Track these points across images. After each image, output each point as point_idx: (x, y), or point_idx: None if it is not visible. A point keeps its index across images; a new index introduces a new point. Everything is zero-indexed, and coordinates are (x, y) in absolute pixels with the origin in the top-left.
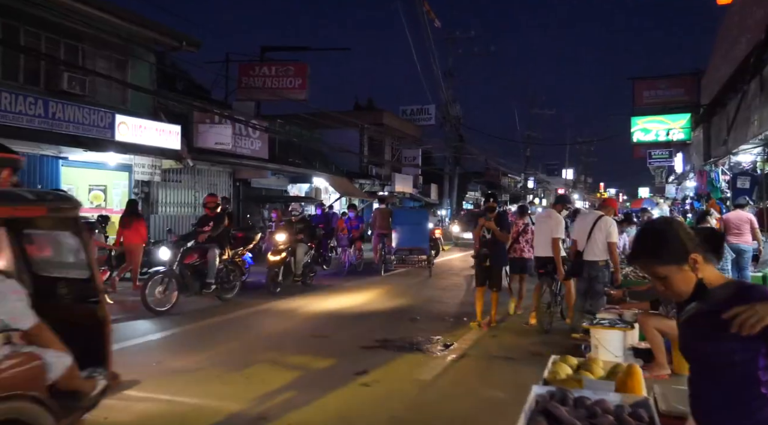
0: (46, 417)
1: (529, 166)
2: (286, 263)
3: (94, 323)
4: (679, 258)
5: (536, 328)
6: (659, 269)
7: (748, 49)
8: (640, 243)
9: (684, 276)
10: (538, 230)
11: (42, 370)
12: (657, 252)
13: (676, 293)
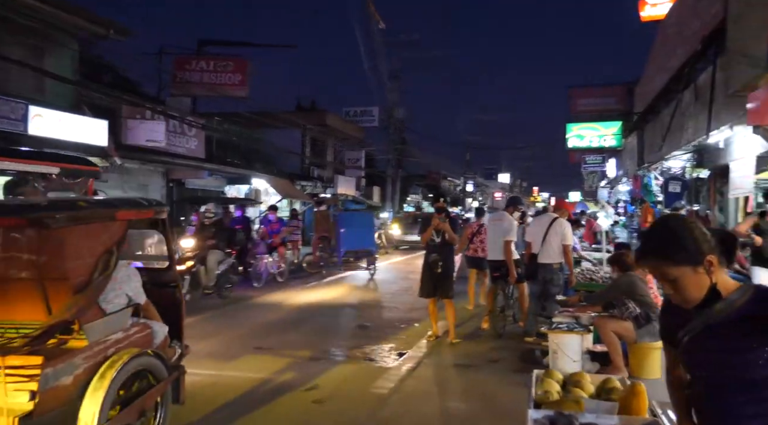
0: (163, 371)
1: (468, 170)
2: (193, 273)
3: (173, 304)
4: (694, 259)
5: (490, 333)
6: (671, 270)
7: (683, 60)
8: (651, 241)
9: (697, 280)
10: (490, 233)
11: (151, 336)
12: (670, 251)
13: (686, 297)
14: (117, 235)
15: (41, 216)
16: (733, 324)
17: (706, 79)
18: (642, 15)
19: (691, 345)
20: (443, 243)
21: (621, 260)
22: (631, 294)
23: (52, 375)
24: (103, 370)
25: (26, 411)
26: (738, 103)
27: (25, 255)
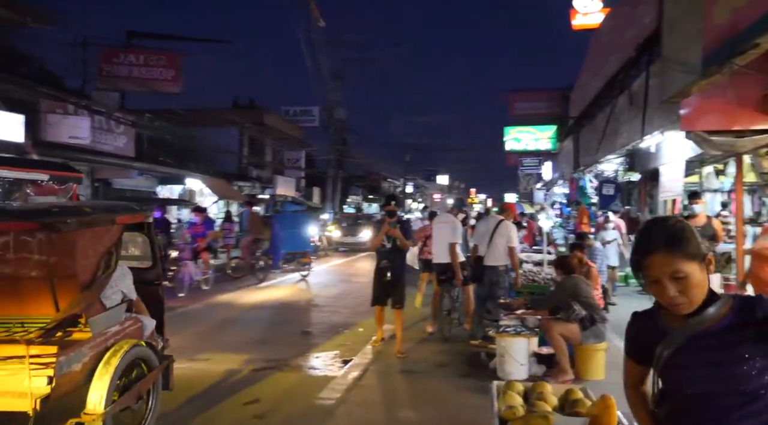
0: (155, 360)
1: (408, 171)
2: None
3: (156, 300)
4: (700, 255)
5: (436, 336)
6: (683, 265)
7: (617, 66)
8: (659, 236)
9: (702, 278)
10: (436, 236)
11: (142, 329)
12: (682, 245)
13: (692, 297)
14: (116, 237)
15: (55, 221)
16: (718, 334)
17: (640, 85)
18: (574, 24)
19: (674, 359)
20: (394, 249)
21: (565, 262)
22: (576, 296)
23: (65, 362)
24: (107, 358)
25: (45, 394)
26: (670, 109)
27: (36, 256)
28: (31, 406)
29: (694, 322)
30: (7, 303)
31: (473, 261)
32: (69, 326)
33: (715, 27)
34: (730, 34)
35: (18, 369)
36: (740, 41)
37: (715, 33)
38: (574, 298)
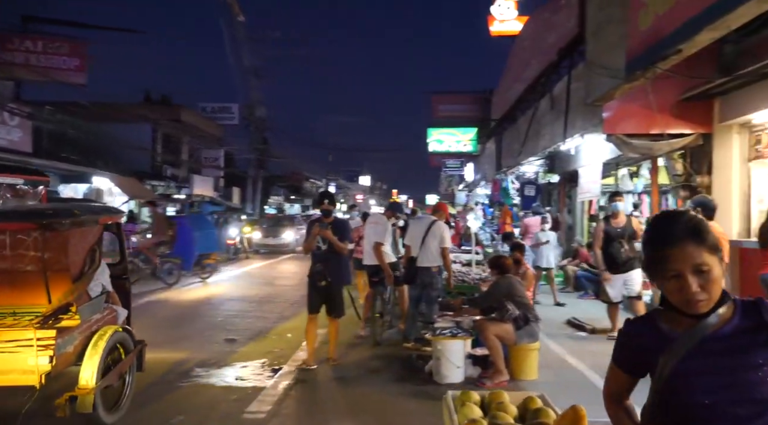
0: (131, 344)
1: (331, 171)
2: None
3: (124, 292)
4: (717, 250)
5: (368, 340)
6: (707, 257)
7: (539, 70)
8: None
9: (721, 274)
10: (367, 238)
11: (116, 318)
12: (705, 236)
13: (712, 294)
14: (99, 236)
15: (52, 221)
16: (725, 339)
17: (561, 89)
18: (492, 30)
19: (682, 366)
20: (330, 251)
21: (500, 263)
22: (511, 296)
23: (62, 344)
24: (95, 341)
25: (47, 371)
26: (592, 112)
27: (32, 252)
28: (37, 381)
29: (702, 325)
30: (3, 294)
31: (405, 262)
32: (62, 313)
33: (638, 33)
34: (653, 39)
35: (27, 350)
36: (663, 47)
37: (639, 39)
38: (509, 298)
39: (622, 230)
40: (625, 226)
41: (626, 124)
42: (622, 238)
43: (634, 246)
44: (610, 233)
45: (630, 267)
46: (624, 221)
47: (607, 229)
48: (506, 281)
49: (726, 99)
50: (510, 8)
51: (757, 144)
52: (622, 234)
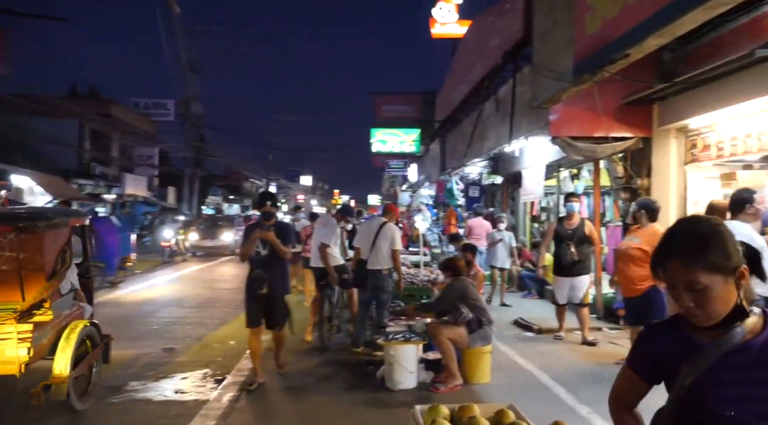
0: (98, 337)
1: (271, 171)
2: None
3: (87, 290)
4: (727, 267)
5: (315, 345)
6: (702, 276)
7: (483, 73)
8: (680, 241)
9: (727, 291)
10: (314, 239)
11: (83, 313)
12: (704, 254)
13: (710, 313)
14: (68, 237)
15: (29, 224)
16: (757, 350)
17: (506, 91)
18: (433, 32)
19: (708, 375)
20: (271, 256)
21: (453, 265)
22: (465, 299)
23: (37, 337)
24: (67, 334)
25: (26, 361)
26: (537, 115)
27: (7, 253)
28: (17, 370)
29: (730, 336)
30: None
31: (355, 265)
32: (37, 309)
33: (586, 37)
34: (601, 43)
35: (7, 342)
36: (611, 51)
37: (586, 43)
38: (463, 301)
39: (572, 232)
40: (577, 228)
41: (571, 127)
42: (571, 240)
43: (583, 250)
44: (560, 233)
45: (577, 272)
46: (577, 223)
47: (559, 229)
48: (460, 283)
49: (664, 104)
50: (451, 11)
51: (693, 148)
52: (572, 236)
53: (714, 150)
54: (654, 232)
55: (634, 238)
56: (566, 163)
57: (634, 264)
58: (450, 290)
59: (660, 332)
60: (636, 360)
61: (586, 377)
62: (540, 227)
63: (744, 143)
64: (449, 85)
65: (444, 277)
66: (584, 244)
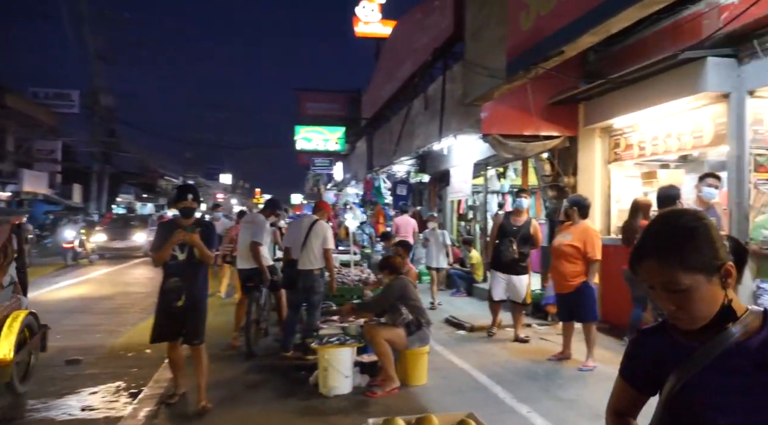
0: (37, 326)
1: (188, 168)
2: None
3: (23, 283)
4: (711, 266)
5: (241, 350)
6: (682, 277)
7: (412, 70)
8: (657, 238)
9: (711, 292)
10: (241, 239)
11: (21, 304)
12: (683, 253)
13: (693, 315)
14: (9, 233)
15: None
16: (753, 353)
17: (436, 89)
18: (356, 31)
19: (701, 380)
20: (190, 262)
21: (391, 263)
22: (404, 299)
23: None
24: (10, 322)
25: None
26: (467, 113)
27: None
28: None
29: (723, 336)
30: None
31: (285, 265)
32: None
33: (520, 33)
34: (535, 40)
35: None
36: (546, 47)
37: (520, 39)
38: (402, 301)
39: (518, 229)
40: (523, 226)
41: (502, 125)
42: (515, 237)
43: (525, 250)
44: (506, 228)
45: (516, 271)
46: (524, 220)
47: (505, 224)
48: (400, 283)
49: (590, 104)
50: (374, 11)
51: (616, 147)
52: (516, 233)
53: (636, 149)
54: (585, 228)
55: (566, 235)
56: (494, 161)
57: (567, 261)
58: (389, 289)
59: (650, 337)
60: (626, 369)
61: (521, 375)
62: (467, 225)
63: (664, 143)
64: (376, 83)
65: (382, 276)
66: (527, 243)
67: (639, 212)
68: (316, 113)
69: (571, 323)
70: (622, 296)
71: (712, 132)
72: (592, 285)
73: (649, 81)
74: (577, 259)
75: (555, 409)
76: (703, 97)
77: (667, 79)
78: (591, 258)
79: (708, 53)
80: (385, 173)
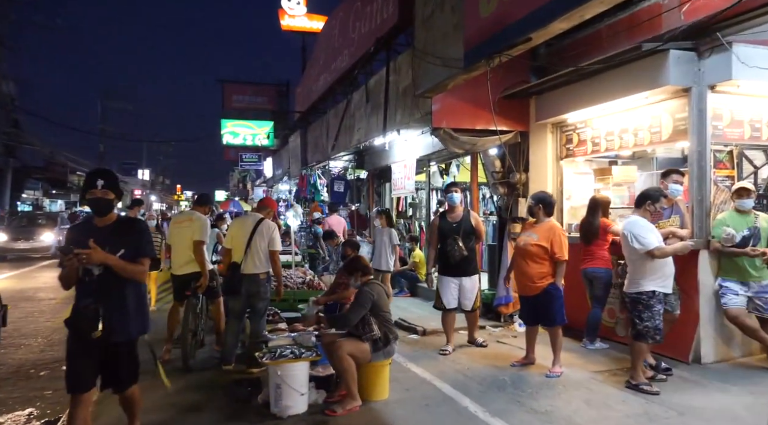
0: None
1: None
2: None
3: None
4: None
5: (176, 365)
6: None
7: (351, 61)
8: None
9: None
10: (175, 241)
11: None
12: None
13: None
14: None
15: None
16: None
17: (378, 81)
18: (282, 24)
19: None
20: (111, 277)
21: (360, 264)
22: (377, 310)
23: None
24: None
25: None
26: (412, 106)
27: None
28: None
29: None
30: None
31: (227, 269)
32: None
33: (479, 21)
34: (498, 27)
35: None
36: (512, 34)
37: (480, 26)
38: (374, 312)
39: (457, 225)
40: (462, 221)
41: (453, 118)
42: (458, 234)
43: (470, 245)
44: (444, 229)
45: (465, 271)
46: (461, 215)
47: (442, 224)
48: (376, 289)
49: (541, 99)
50: (300, 4)
51: (568, 143)
52: (458, 230)
53: (590, 145)
54: (551, 227)
55: (532, 234)
56: (436, 157)
57: (533, 261)
58: (363, 297)
59: None
60: None
61: (488, 384)
62: (406, 223)
63: (620, 139)
64: (310, 75)
65: (353, 279)
66: (470, 237)
67: (599, 209)
68: (242, 106)
69: (535, 327)
70: (579, 296)
71: (671, 128)
72: (560, 286)
73: (605, 75)
74: (543, 259)
75: (531, 423)
76: (662, 91)
77: (624, 73)
78: (558, 258)
79: (670, 46)
80: (320, 169)
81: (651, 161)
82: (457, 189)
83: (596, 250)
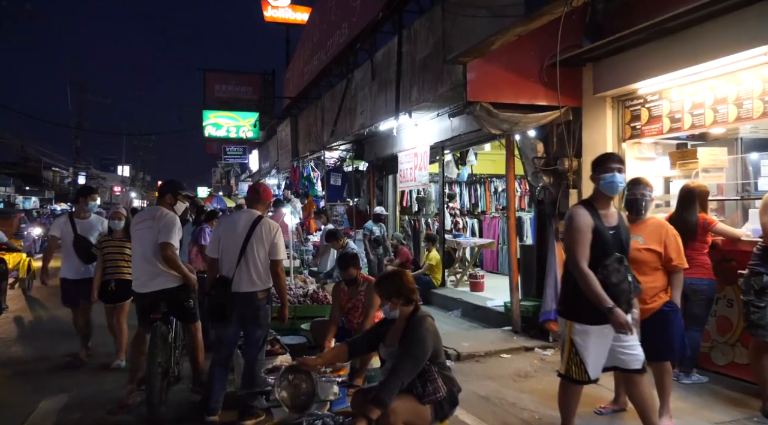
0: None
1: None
2: None
3: None
4: None
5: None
6: None
7: (353, 34)
8: None
9: None
10: (139, 246)
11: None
12: None
13: None
14: None
15: None
16: None
17: (388, 53)
18: (266, 15)
19: None
20: None
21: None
22: (435, 356)
23: None
24: None
25: None
26: (433, 79)
27: None
28: None
29: None
30: None
31: (211, 286)
32: None
33: None
34: None
35: None
36: None
37: None
38: (432, 360)
39: (615, 233)
40: (619, 227)
41: (491, 91)
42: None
43: None
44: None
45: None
46: (616, 218)
47: (600, 228)
48: (432, 328)
49: (599, 66)
50: None
51: (634, 121)
52: (619, 242)
53: (666, 122)
54: (660, 224)
55: (637, 237)
56: (451, 144)
57: (642, 273)
58: (419, 344)
59: None
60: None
61: None
62: (412, 219)
63: (714, 112)
64: (301, 57)
65: (389, 306)
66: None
67: (695, 202)
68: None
69: (662, 364)
70: None
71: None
72: (678, 305)
73: (699, 28)
74: (656, 269)
75: None
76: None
77: (732, 22)
78: (677, 266)
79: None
80: (312, 161)
81: (733, 142)
82: (623, 168)
83: (694, 255)
